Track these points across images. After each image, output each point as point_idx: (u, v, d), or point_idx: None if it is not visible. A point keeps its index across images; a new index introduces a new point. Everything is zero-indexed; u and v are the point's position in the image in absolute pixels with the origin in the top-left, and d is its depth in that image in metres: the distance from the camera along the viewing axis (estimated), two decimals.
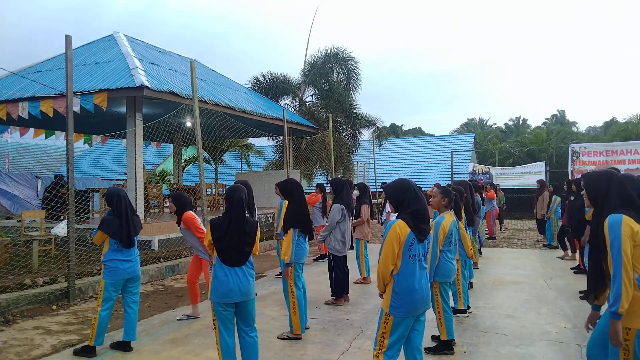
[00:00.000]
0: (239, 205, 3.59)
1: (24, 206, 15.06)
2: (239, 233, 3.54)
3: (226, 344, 3.55)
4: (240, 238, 3.54)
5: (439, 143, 29.02)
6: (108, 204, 4.52)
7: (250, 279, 3.61)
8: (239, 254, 3.55)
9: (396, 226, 3.04)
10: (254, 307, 3.68)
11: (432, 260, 4.29)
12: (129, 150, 9.85)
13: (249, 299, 3.59)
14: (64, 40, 6.43)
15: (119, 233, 4.42)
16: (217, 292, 3.50)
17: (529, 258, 9.98)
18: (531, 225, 16.01)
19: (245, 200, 3.65)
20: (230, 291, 3.48)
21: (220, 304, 3.51)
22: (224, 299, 3.49)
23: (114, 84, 9.00)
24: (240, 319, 3.64)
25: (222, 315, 3.53)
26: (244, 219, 3.59)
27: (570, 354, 4.40)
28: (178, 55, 14.53)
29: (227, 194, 3.66)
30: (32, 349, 4.57)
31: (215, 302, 3.52)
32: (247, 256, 3.60)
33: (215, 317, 3.56)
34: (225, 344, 3.55)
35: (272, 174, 16.18)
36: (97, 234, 4.45)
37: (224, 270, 3.51)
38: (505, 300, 6.41)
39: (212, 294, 3.53)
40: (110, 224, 4.42)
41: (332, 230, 6.23)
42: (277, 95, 18.68)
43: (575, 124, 40.29)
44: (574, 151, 17.18)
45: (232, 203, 3.59)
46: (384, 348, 3.07)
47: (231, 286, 3.48)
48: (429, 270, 4.24)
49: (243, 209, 3.60)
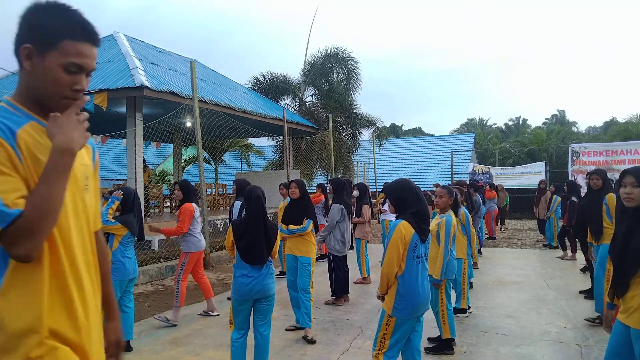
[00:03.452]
0: (258, 205, 3.68)
1: None
2: (259, 233, 3.61)
3: (238, 342, 3.63)
4: (259, 237, 3.61)
5: (439, 143, 29.00)
6: (124, 202, 4.54)
7: (271, 277, 3.70)
8: (259, 253, 3.61)
9: (401, 227, 3.04)
10: (272, 304, 3.77)
11: (444, 259, 4.29)
12: (129, 150, 9.85)
13: (269, 295, 3.68)
14: None
15: (136, 228, 4.57)
16: (238, 290, 3.59)
17: (529, 258, 9.98)
18: (531, 225, 16.01)
19: (263, 199, 3.74)
20: (251, 289, 3.57)
21: (240, 301, 3.60)
22: (244, 297, 3.59)
23: (114, 84, 9.00)
24: (257, 315, 3.73)
25: (239, 313, 3.62)
26: (263, 218, 3.68)
27: (570, 354, 4.40)
28: (178, 55, 14.54)
29: (245, 197, 3.77)
30: None
31: (235, 300, 3.62)
32: (267, 255, 3.68)
33: (233, 314, 3.65)
34: (238, 342, 3.63)
35: (272, 174, 16.18)
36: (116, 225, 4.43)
37: (245, 269, 3.59)
38: (505, 300, 6.41)
39: (233, 292, 3.64)
40: (130, 220, 4.50)
41: (331, 230, 6.23)
42: (277, 95, 18.68)
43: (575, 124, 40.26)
44: (574, 151, 17.17)
45: (250, 203, 3.69)
46: (384, 348, 3.07)
47: (252, 284, 3.57)
48: (441, 269, 4.26)
49: (262, 208, 3.70)
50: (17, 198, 1.21)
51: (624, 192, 2.63)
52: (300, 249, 5.07)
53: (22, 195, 1.22)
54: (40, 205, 1.21)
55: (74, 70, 1.33)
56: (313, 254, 5.11)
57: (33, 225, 1.20)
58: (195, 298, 6.62)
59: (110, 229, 4.41)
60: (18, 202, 1.20)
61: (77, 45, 1.32)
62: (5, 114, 1.31)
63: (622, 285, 2.59)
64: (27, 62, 1.31)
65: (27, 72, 1.34)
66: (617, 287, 2.65)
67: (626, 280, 2.57)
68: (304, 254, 5.05)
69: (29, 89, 1.36)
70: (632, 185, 2.60)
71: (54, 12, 1.31)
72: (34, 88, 1.34)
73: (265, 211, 3.74)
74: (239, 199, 6.10)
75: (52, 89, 1.32)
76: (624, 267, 2.59)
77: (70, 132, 1.29)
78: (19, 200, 1.21)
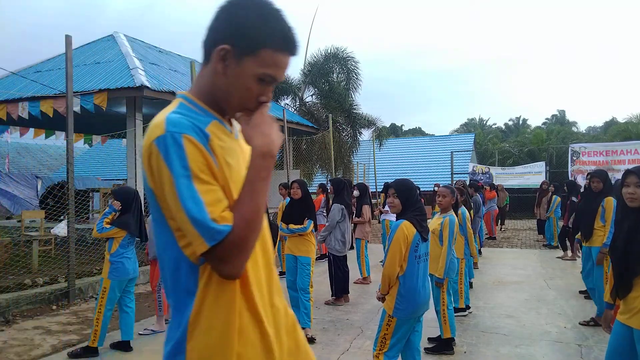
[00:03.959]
0: None
1: (24, 206, 15.04)
2: None
3: None
4: None
5: (439, 143, 28.99)
6: (123, 202, 4.53)
7: None
8: None
9: (403, 227, 3.05)
10: None
11: (447, 259, 4.29)
12: (129, 150, 9.85)
13: None
14: (64, 40, 6.43)
15: (137, 229, 4.55)
16: None
17: (529, 258, 9.98)
18: (531, 225, 16.00)
19: None
20: None
21: None
22: None
23: (114, 84, 9.01)
24: None
25: None
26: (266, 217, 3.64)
27: (570, 354, 4.40)
28: (178, 55, 14.54)
29: None
30: (32, 349, 4.57)
31: None
32: None
33: None
34: None
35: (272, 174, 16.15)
36: (112, 230, 4.42)
37: None
38: (505, 300, 6.41)
39: None
40: (128, 222, 4.48)
41: (332, 230, 6.23)
42: (277, 95, 18.68)
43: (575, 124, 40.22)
44: (574, 151, 17.17)
45: None
46: (385, 348, 3.08)
47: None
48: (444, 269, 4.26)
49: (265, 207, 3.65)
50: (223, 211, 1.08)
51: (627, 192, 2.62)
52: (300, 249, 5.07)
53: (226, 207, 1.10)
54: (249, 218, 1.10)
55: (266, 81, 1.20)
56: (313, 253, 5.11)
57: (243, 240, 1.08)
58: None
59: (107, 235, 4.44)
60: (225, 215, 1.08)
61: (276, 55, 1.18)
62: (189, 113, 1.17)
63: (625, 286, 2.58)
64: (220, 63, 1.17)
65: (215, 73, 1.19)
66: (620, 288, 2.63)
67: (630, 281, 2.56)
68: (303, 253, 5.05)
69: (213, 88, 1.21)
70: (636, 185, 2.60)
71: (260, 16, 1.17)
72: (218, 90, 1.21)
73: (267, 210, 3.75)
74: None
75: (239, 97, 1.20)
76: (627, 267, 2.58)
77: (269, 133, 1.17)
78: (226, 213, 1.08)
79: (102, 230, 4.42)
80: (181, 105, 1.20)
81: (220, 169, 1.13)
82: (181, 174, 1.06)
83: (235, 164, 1.19)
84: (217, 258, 1.07)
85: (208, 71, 1.21)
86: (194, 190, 1.06)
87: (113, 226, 4.43)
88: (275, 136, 1.18)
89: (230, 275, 1.10)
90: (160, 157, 1.08)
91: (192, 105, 1.20)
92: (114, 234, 4.44)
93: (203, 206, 1.06)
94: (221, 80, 1.19)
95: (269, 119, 1.20)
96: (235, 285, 1.16)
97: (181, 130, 1.09)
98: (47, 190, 11.05)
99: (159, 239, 1.19)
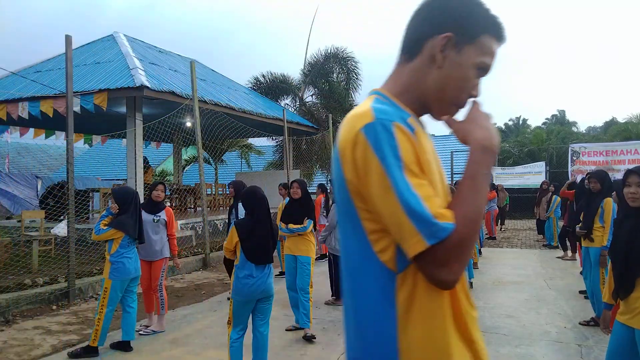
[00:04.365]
0: (263, 204, 3.69)
1: (24, 206, 15.05)
2: (265, 231, 3.62)
3: (237, 342, 3.62)
4: (266, 237, 3.62)
5: (439, 143, 28.94)
6: (122, 202, 4.52)
7: (272, 277, 3.73)
8: (266, 253, 3.62)
9: None
10: (272, 304, 3.80)
11: None
12: (129, 150, 9.86)
13: (270, 294, 3.71)
14: (64, 40, 6.43)
15: (135, 230, 4.54)
16: (242, 291, 3.56)
17: (529, 258, 9.98)
18: (531, 225, 15.99)
19: (266, 199, 3.75)
20: (256, 290, 3.57)
21: (243, 302, 3.58)
22: (248, 297, 3.58)
23: (114, 84, 9.01)
24: (258, 315, 3.73)
25: (241, 313, 3.61)
26: (269, 218, 3.69)
27: (570, 354, 4.40)
28: (178, 55, 14.54)
29: (247, 196, 3.74)
30: (32, 349, 4.57)
31: (237, 301, 3.59)
32: (272, 254, 3.70)
33: (233, 314, 3.63)
34: (237, 342, 3.62)
35: (272, 174, 16.18)
36: (110, 231, 4.42)
37: (249, 270, 3.57)
38: (505, 300, 6.41)
39: (235, 292, 3.59)
40: (125, 222, 4.47)
41: (332, 230, 6.23)
42: (277, 95, 18.69)
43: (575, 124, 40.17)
44: (574, 151, 17.16)
45: (256, 203, 3.68)
46: None
47: (257, 285, 3.57)
48: None
49: (267, 208, 3.71)
50: (440, 207, 0.97)
51: (629, 192, 2.61)
52: (300, 248, 5.07)
53: (441, 204, 0.99)
54: (472, 218, 0.97)
55: (483, 71, 1.13)
56: (313, 253, 5.11)
57: (465, 242, 0.95)
58: (195, 298, 6.63)
59: (105, 236, 4.44)
60: (444, 213, 0.96)
61: (492, 42, 1.12)
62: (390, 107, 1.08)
63: (627, 286, 2.58)
64: (440, 54, 1.09)
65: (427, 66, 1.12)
66: (621, 289, 2.62)
67: (631, 281, 2.55)
68: (303, 253, 5.05)
69: (418, 85, 1.13)
70: (637, 184, 2.59)
71: (473, 2, 1.12)
72: (428, 85, 1.12)
73: (270, 211, 3.76)
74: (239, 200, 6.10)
75: (455, 88, 1.12)
76: (628, 267, 2.57)
77: (488, 127, 1.09)
78: (445, 210, 0.97)
79: (100, 232, 4.43)
80: (377, 100, 1.12)
81: (427, 164, 1.03)
82: (393, 164, 0.97)
83: (434, 162, 1.09)
84: (435, 261, 0.94)
85: (413, 66, 1.14)
86: (408, 183, 0.96)
87: (110, 227, 4.44)
88: (495, 131, 1.10)
89: (447, 282, 0.97)
90: (369, 146, 0.99)
91: (388, 101, 1.13)
92: (111, 235, 4.44)
93: (420, 199, 0.95)
94: (433, 73, 1.11)
95: (485, 114, 1.13)
96: (445, 297, 1.02)
97: (391, 118, 1.01)
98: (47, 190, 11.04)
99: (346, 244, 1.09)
